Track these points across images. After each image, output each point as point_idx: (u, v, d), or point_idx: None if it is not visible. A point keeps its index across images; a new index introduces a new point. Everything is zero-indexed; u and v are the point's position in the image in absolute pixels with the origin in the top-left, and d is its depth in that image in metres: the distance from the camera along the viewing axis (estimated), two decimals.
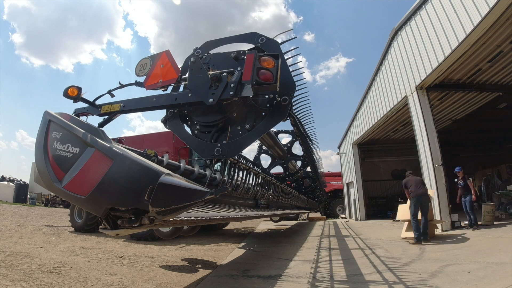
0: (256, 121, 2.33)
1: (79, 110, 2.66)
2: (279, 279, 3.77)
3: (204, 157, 2.62)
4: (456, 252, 4.89)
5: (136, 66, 2.54)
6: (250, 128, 2.32)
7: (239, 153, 3.28)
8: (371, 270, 4.07)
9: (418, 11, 8.10)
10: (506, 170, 14.72)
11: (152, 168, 1.60)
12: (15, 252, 4.52)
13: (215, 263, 4.91)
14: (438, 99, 10.08)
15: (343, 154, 18.62)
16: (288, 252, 5.91)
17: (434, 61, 7.48)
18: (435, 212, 7.49)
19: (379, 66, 11.40)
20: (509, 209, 9.99)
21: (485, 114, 12.44)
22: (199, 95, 2.15)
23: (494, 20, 5.72)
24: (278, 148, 7.50)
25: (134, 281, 3.59)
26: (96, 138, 1.82)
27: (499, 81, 9.25)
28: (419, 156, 8.59)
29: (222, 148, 2.31)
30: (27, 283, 3.17)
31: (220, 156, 2.34)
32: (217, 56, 2.43)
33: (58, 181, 1.87)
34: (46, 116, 2.11)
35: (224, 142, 2.36)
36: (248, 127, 2.32)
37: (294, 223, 15.78)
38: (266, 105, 2.30)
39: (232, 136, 2.38)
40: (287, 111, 2.25)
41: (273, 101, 2.27)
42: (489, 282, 3.19)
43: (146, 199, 1.52)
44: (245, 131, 2.34)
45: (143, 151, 2.29)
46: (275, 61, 2.01)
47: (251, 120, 2.33)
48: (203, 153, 2.44)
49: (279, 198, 6.98)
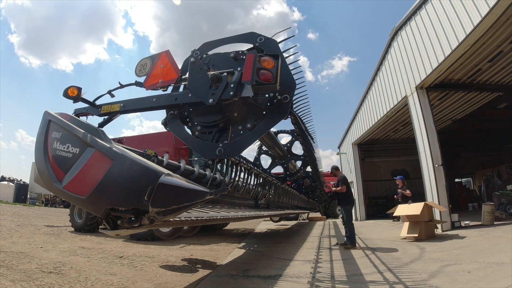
0: (257, 120, 2.32)
1: (79, 110, 2.66)
2: (279, 279, 3.77)
3: (206, 158, 2.61)
4: (456, 252, 4.89)
5: (136, 66, 2.54)
6: (251, 128, 2.31)
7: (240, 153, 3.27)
8: (371, 270, 4.07)
9: (418, 11, 8.10)
10: (506, 170, 14.72)
11: (152, 168, 1.59)
12: (15, 252, 4.52)
13: (215, 263, 4.91)
14: (438, 99, 10.07)
15: (343, 154, 18.61)
16: (288, 252, 5.91)
17: (434, 61, 7.48)
18: (435, 212, 7.48)
19: (379, 66, 11.41)
20: (509, 209, 9.99)
21: (485, 114, 12.44)
22: (199, 96, 2.15)
23: (494, 20, 5.72)
24: (278, 148, 7.50)
25: (134, 281, 3.59)
26: (96, 138, 1.82)
27: (499, 81, 9.25)
28: (419, 156, 8.58)
29: (224, 148, 2.30)
30: (27, 283, 3.17)
31: (222, 156, 2.33)
32: (217, 56, 2.43)
33: (58, 181, 1.87)
34: (46, 116, 2.11)
35: (226, 142, 2.35)
36: (250, 127, 2.32)
37: (294, 223, 15.78)
38: (267, 104, 2.29)
39: (233, 136, 2.37)
40: (288, 109, 2.25)
41: (274, 100, 2.27)
42: (489, 282, 3.19)
43: (146, 200, 1.52)
44: (247, 130, 2.33)
45: (143, 151, 2.29)
46: (275, 61, 2.01)
47: (252, 120, 2.33)
48: (205, 153, 2.43)
49: (279, 198, 6.98)
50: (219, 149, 2.30)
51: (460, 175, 19.79)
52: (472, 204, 14.70)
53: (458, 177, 19.73)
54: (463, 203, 15.26)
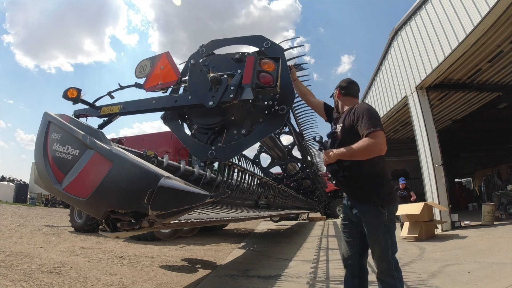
0: (253, 127, 2.31)
1: (78, 112, 2.66)
2: (279, 279, 3.77)
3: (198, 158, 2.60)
4: (456, 252, 4.90)
5: (136, 68, 2.53)
6: (246, 134, 2.30)
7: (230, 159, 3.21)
8: (371, 270, 4.07)
9: (418, 11, 8.09)
10: (506, 170, 14.74)
11: (151, 171, 1.59)
12: (15, 252, 4.52)
13: (215, 263, 4.92)
14: (438, 99, 10.07)
15: None
16: (288, 252, 5.91)
17: (434, 61, 7.48)
18: (435, 212, 7.49)
19: (379, 66, 11.41)
20: (509, 209, 10.01)
21: (485, 114, 12.44)
22: (199, 98, 2.15)
23: (494, 20, 5.72)
24: (278, 150, 7.50)
25: (134, 281, 3.60)
26: (96, 140, 1.82)
27: (499, 81, 9.25)
28: (419, 156, 8.58)
29: (216, 151, 2.30)
30: (27, 283, 3.17)
31: (213, 159, 2.32)
32: (217, 58, 2.42)
33: (57, 183, 1.87)
34: (46, 117, 2.10)
35: (219, 145, 2.34)
36: (244, 133, 2.30)
37: (294, 223, 15.78)
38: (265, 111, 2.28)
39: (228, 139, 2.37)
40: (283, 120, 2.19)
41: (271, 109, 2.24)
42: (489, 282, 3.19)
43: (146, 202, 1.51)
44: (241, 136, 2.32)
45: (143, 152, 2.29)
46: (276, 63, 2.00)
47: (248, 126, 2.31)
48: (197, 154, 2.42)
49: (279, 199, 6.98)
50: (211, 152, 2.30)
51: (460, 175, 19.81)
52: (472, 204, 14.72)
53: (458, 177, 19.74)
54: (463, 203, 15.28)
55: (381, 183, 1.92)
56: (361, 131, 1.85)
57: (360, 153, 1.80)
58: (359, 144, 1.81)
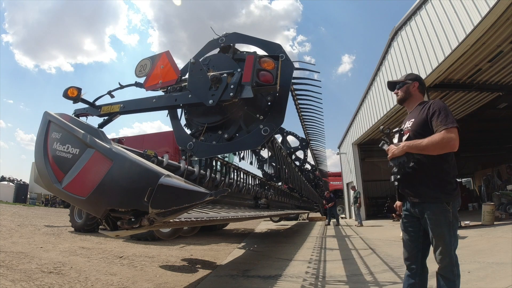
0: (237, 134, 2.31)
1: (79, 111, 2.66)
2: (279, 279, 3.77)
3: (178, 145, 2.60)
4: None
5: (136, 67, 2.54)
6: (228, 138, 2.31)
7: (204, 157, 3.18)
8: (371, 270, 4.07)
9: (418, 11, 8.10)
10: (506, 170, 14.74)
11: (151, 170, 1.59)
12: (15, 252, 4.52)
13: (215, 263, 4.91)
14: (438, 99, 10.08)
15: (343, 154, 18.62)
16: (288, 252, 5.91)
17: (434, 61, 7.48)
18: None
19: (379, 66, 11.41)
20: (509, 209, 10.01)
21: (485, 114, 12.45)
22: (199, 96, 2.15)
23: (494, 20, 5.73)
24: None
25: (134, 281, 3.59)
26: (96, 139, 1.82)
27: (499, 81, 9.25)
28: None
29: (195, 144, 2.31)
30: (27, 283, 3.17)
31: (190, 152, 2.35)
32: (217, 57, 2.43)
33: (58, 182, 1.87)
34: (46, 117, 2.10)
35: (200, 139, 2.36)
36: (226, 137, 2.32)
37: (294, 223, 15.78)
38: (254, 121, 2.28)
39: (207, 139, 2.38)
40: (262, 142, 2.18)
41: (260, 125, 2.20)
42: (489, 282, 3.19)
43: (146, 201, 1.51)
44: (223, 139, 2.33)
45: (143, 152, 2.29)
46: (275, 62, 2.01)
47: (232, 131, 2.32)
48: (179, 140, 2.46)
49: (279, 198, 6.98)
50: (189, 144, 2.32)
51: (460, 175, 19.81)
52: (472, 204, 14.73)
53: (458, 177, 19.74)
54: (463, 203, 15.28)
55: (448, 179, 1.89)
56: (436, 126, 1.83)
57: (433, 147, 1.78)
58: (433, 138, 1.79)
